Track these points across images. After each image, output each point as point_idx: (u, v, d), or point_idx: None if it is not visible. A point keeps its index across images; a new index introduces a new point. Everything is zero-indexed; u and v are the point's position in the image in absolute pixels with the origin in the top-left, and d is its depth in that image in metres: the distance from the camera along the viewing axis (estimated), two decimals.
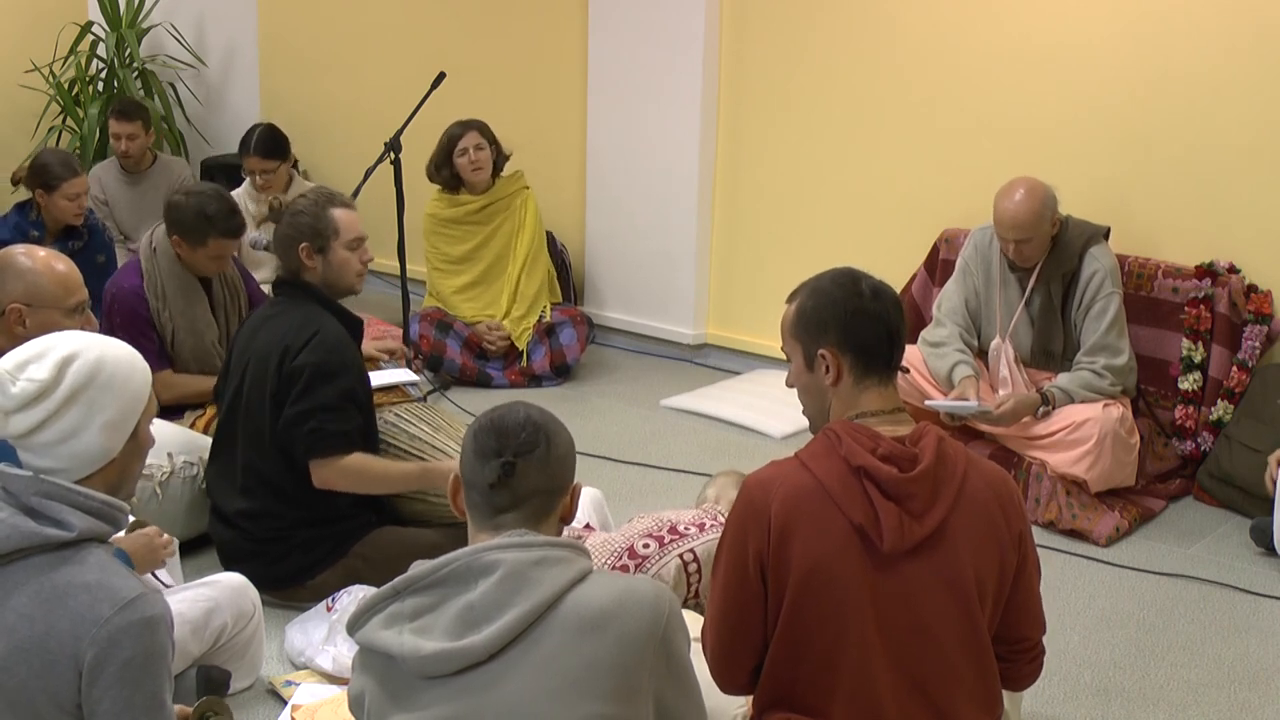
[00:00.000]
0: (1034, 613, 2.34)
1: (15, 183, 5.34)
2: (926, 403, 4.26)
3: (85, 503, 2.06)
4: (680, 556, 3.18)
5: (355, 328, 3.62)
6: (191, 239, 4.17)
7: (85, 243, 5.24)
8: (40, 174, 5.10)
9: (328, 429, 3.40)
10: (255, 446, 3.49)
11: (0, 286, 3.08)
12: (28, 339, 2.21)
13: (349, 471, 3.44)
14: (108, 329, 4.17)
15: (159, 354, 4.16)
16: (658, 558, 3.17)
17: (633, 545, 3.20)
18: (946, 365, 4.42)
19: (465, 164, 5.56)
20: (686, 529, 3.26)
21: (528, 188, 5.74)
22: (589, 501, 3.66)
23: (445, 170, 5.60)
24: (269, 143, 5.59)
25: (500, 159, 5.66)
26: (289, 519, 3.49)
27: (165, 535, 3.02)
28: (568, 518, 2.15)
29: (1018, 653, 2.34)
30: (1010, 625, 2.30)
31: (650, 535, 3.23)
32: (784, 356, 2.39)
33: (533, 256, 5.70)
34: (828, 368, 2.27)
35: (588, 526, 3.52)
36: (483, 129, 5.59)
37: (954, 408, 4.24)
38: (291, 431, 3.41)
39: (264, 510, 3.50)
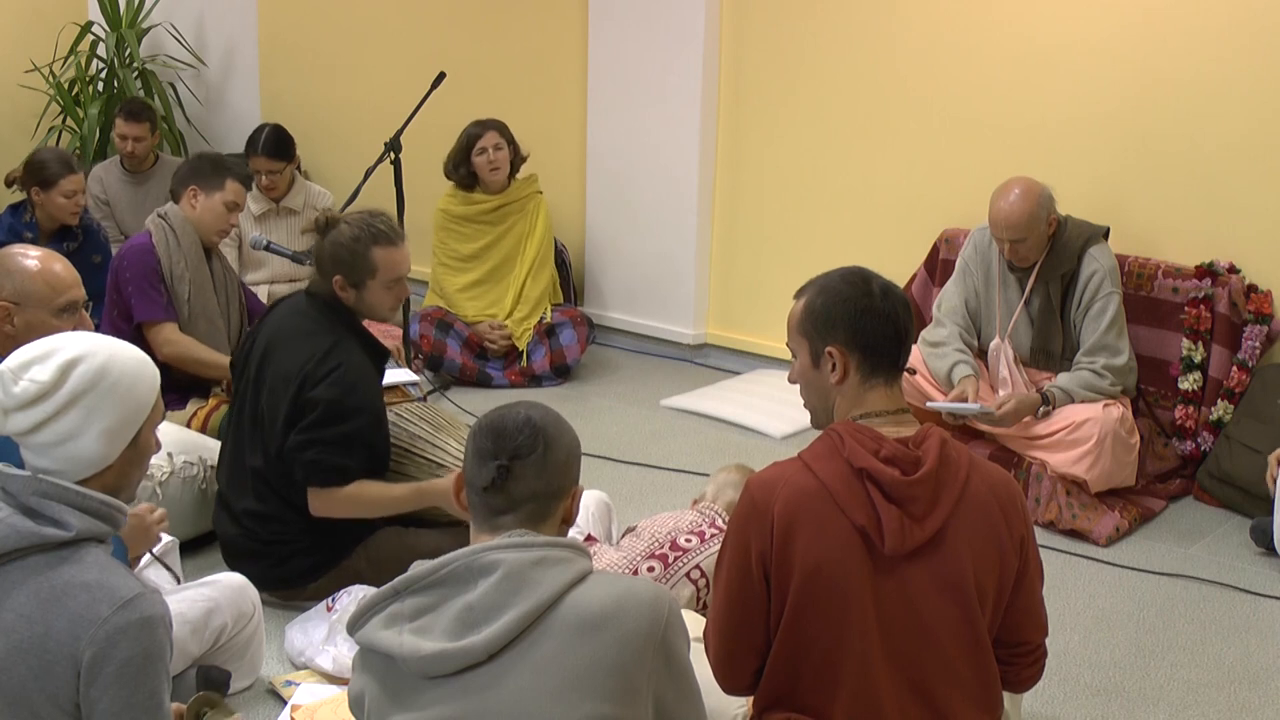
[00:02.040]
0: (1036, 616, 2.34)
1: (9, 183, 5.32)
2: (928, 404, 4.26)
3: (84, 502, 2.05)
4: (688, 576, 3.18)
5: (381, 357, 3.59)
6: (209, 184, 4.36)
7: (80, 243, 5.24)
8: (37, 171, 5.09)
9: (327, 462, 3.38)
10: (265, 458, 3.49)
11: None
12: (18, 339, 2.19)
13: (344, 501, 3.42)
14: (115, 291, 4.30)
15: (166, 306, 4.28)
16: (665, 580, 3.16)
17: (636, 569, 3.18)
18: (946, 365, 4.42)
19: (483, 163, 5.57)
20: (688, 541, 3.24)
21: (540, 192, 5.75)
22: (594, 508, 3.63)
23: (463, 169, 5.63)
24: (277, 144, 5.61)
25: (517, 160, 5.67)
26: (296, 526, 3.48)
27: (157, 511, 2.93)
28: (569, 520, 2.15)
29: (1019, 655, 2.33)
30: (1012, 628, 2.30)
31: (653, 556, 3.21)
32: (784, 356, 2.40)
33: (540, 261, 5.72)
34: (834, 365, 2.27)
35: (589, 537, 3.49)
36: (502, 129, 5.60)
37: (956, 409, 4.23)
38: (293, 456, 3.40)
39: (272, 514, 3.50)
